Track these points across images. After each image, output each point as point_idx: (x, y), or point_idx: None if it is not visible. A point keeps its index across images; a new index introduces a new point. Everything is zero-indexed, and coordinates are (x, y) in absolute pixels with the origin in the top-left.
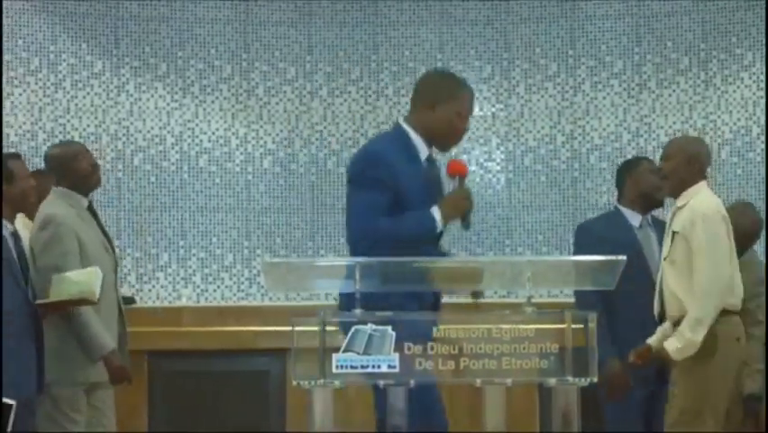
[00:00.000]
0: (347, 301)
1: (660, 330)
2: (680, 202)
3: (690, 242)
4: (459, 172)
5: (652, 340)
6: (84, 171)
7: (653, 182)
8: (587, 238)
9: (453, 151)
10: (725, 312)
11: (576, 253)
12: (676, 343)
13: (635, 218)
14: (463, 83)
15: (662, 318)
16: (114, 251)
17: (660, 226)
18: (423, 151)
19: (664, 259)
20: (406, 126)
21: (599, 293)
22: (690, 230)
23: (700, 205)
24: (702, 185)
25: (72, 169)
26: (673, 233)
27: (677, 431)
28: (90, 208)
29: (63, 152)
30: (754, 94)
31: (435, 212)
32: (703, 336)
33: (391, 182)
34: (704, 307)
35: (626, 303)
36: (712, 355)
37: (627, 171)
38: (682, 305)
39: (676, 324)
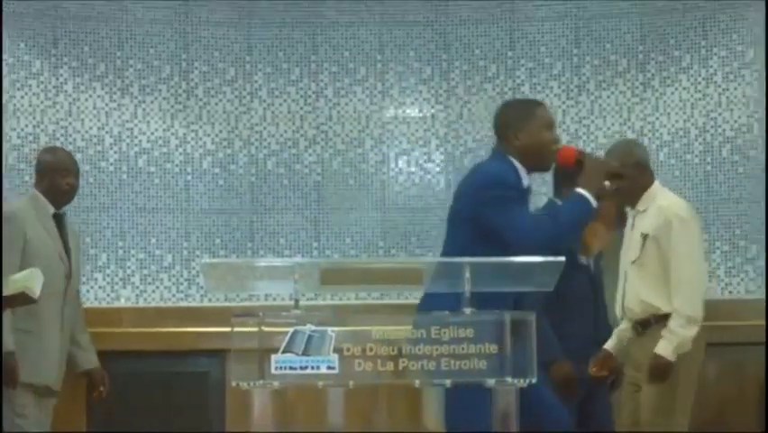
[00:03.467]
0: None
1: (616, 333)
2: (641, 207)
3: (666, 243)
4: (574, 156)
5: (609, 346)
6: (59, 188)
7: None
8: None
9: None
10: None
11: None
12: (668, 344)
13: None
14: (533, 101)
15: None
16: (69, 263)
17: None
18: (525, 178)
19: (632, 262)
20: (505, 154)
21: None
22: (664, 231)
23: (672, 206)
24: (656, 186)
25: (51, 180)
26: (644, 236)
27: (652, 431)
28: (57, 217)
29: (51, 161)
30: (691, 96)
31: (581, 190)
32: (696, 332)
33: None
34: (694, 304)
35: (566, 295)
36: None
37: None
38: (651, 307)
39: (641, 325)
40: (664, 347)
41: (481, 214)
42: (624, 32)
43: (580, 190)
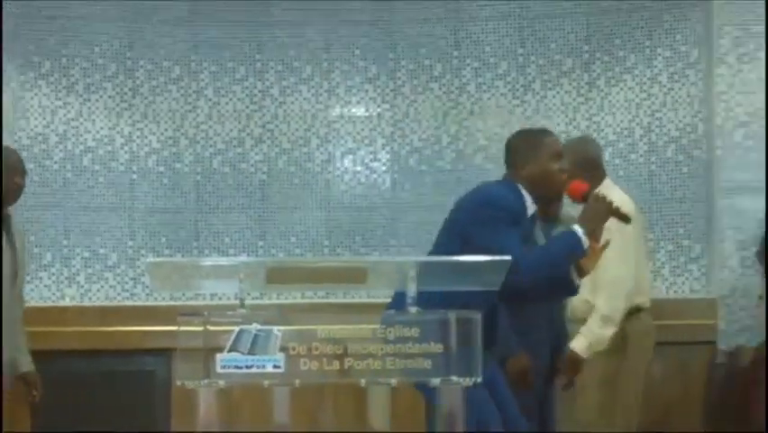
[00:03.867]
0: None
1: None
2: None
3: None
4: (583, 190)
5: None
6: (7, 186)
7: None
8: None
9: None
10: (634, 309)
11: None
12: (583, 341)
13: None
14: (542, 130)
15: None
16: (16, 261)
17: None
18: (530, 207)
19: None
20: (514, 181)
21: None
22: (605, 230)
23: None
24: (607, 183)
25: None
26: None
27: (594, 431)
28: (2, 216)
29: (5, 160)
30: (636, 96)
31: (577, 228)
32: (613, 332)
33: (516, 225)
34: (614, 305)
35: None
36: (623, 352)
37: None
38: (586, 306)
39: (582, 324)
40: (579, 343)
41: (473, 231)
42: (568, 32)
43: (576, 228)
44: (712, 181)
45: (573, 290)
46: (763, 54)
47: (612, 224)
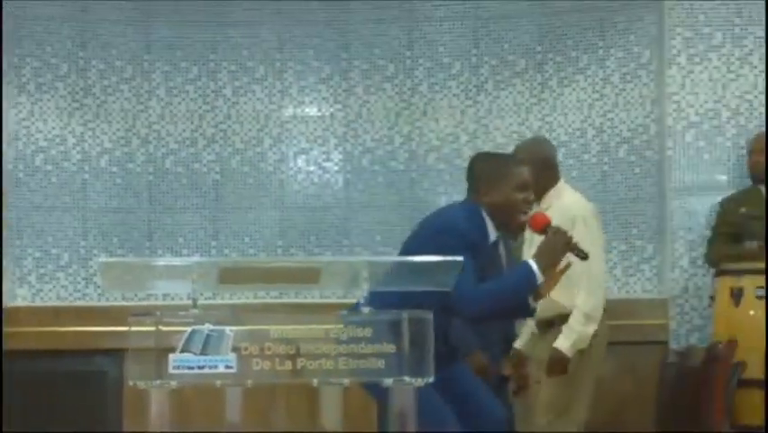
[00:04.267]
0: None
1: (525, 332)
2: (544, 204)
3: None
4: (544, 223)
5: (520, 345)
6: None
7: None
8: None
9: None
10: None
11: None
12: (566, 340)
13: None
14: (512, 158)
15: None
16: None
17: None
18: (492, 233)
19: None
20: (478, 205)
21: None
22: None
23: (574, 205)
24: (561, 184)
25: None
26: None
27: (550, 431)
28: None
29: None
30: (589, 96)
31: (532, 263)
32: (594, 329)
33: (473, 253)
34: (595, 303)
35: None
36: (580, 351)
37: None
38: (554, 305)
39: (545, 324)
40: (562, 342)
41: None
42: (522, 33)
43: (530, 263)
44: (664, 182)
45: (530, 313)
46: (713, 55)
47: (578, 224)
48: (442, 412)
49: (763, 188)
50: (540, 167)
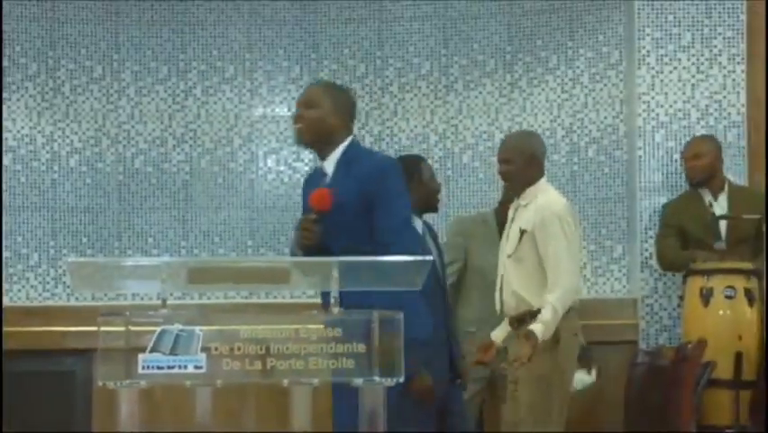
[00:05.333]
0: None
1: (502, 327)
2: (523, 201)
3: (542, 239)
4: (320, 204)
5: (495, 335)
6: None
7: (435, 188)
8: None
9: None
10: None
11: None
12: (541, 327)
13: (416, 222)
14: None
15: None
16: None
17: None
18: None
19: (508, 256)
20: None
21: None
22: (540, 228)
23: (551, 204)
24: (543, 182)
25: None
26: (521, 231)
27: (527, 431)
28: None
29: None
30: (558, 96)
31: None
32: (555, 326)
33: None
34: (563, 299)
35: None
36: (554, 350)
37: (406, 176)
38: (523, 303)
39: (516, 322)
40: (537, 327)
41: None
42: (492, 33)
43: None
44: (633, 182)
45: None
46: (683, 56)
47: (553, 222)
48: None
49: (703, 192)
50: (523, 162)
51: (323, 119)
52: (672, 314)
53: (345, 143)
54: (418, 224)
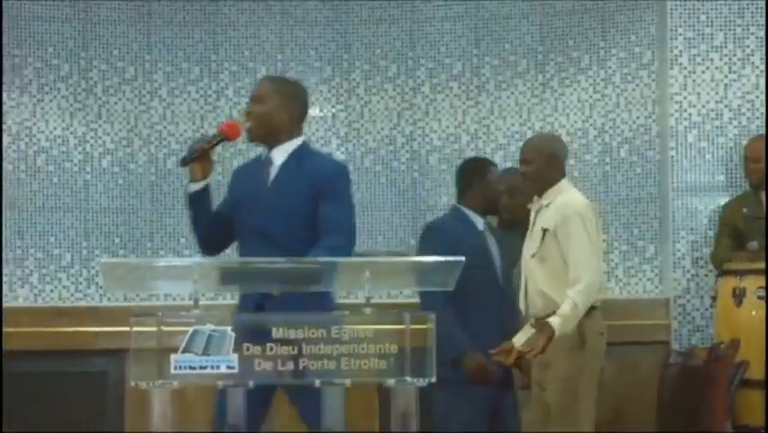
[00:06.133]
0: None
1: (525, 330)
2: (544, 201)
3: (564, 238)
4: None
5: (517, 339)
6: None
7: (499, 192)
8: (437, 237)
9: None
10: (590, 308)
11: (423, 252)
12: (558, 319)
13: (478, 221)
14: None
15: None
16: None
17: (491, 228)
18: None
19: (531, 256)
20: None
21: (447, 292)
22: (562, 227)
23: (572, 203)
24: (564, 182)
25: None
26: (543, 230)
27: (552, 431)
28: None
29: None
30: (590, 96)
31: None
32: (575, 323)
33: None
34: (584, 293)
35: (476, 303)
36: (581, 351)
37: (476, 176)
38: (549, 302)
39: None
40: (554, 320)
41: None
42: (523, 33)
43: None
44: (665, 182)
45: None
46: (715, 56)
47: (577, 226)
48: None
49: (762, 194)
50: (544, 163)
51: (271, 114)
52: (704, 314)
53: (299, 141)
54: (479, 222)
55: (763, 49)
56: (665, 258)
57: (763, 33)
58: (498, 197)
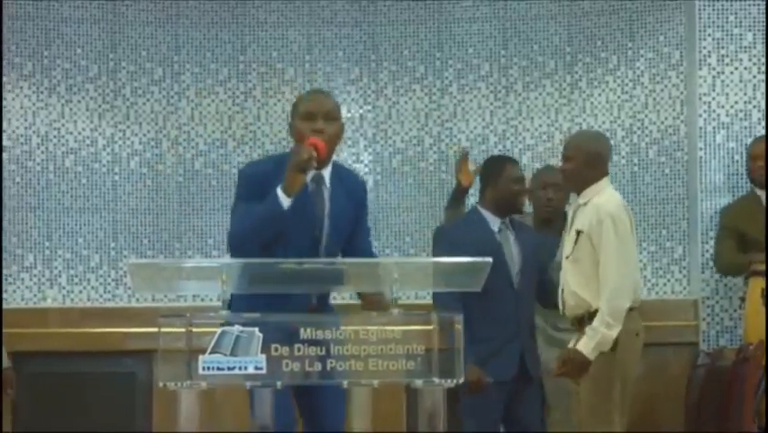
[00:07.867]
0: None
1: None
2: (581, 199)
3: (597, 240)
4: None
5: (575, 344)
6: None
7: (515, 191)
8: (445, 240)
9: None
10: (628, 308)
11: (434, 254)
12: (590, 342)
13: (494, 221)
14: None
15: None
16: None
17: (517, 227)
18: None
19: (566, 257)
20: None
21: (456, 294)
22: (596, 229)
23: (606, 204)
24: (604, 182)
25: None
26: (577, 232)
27: (588, 432)
28: None
29: None
30: (618, 97)
31: (279, 190)
32: (617, 331)
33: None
34: (616, 305)
35: (485, 304)
36: (614, 352)
37: (491, 175)
38: (584, 303)
39: (577, 322)
40: (585, 344)
41: None
42: (551, 34)
43: (278, 190)
44: (694, 183)
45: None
46: (744, 56)
47: (607, 223)
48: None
49: (762, 194)
50: (584, 161)
51: (339, 135)
52: (732, 315)
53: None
54: (495, 222)
55: None
56: (694, 259)
57: None
58: (518, 195)
